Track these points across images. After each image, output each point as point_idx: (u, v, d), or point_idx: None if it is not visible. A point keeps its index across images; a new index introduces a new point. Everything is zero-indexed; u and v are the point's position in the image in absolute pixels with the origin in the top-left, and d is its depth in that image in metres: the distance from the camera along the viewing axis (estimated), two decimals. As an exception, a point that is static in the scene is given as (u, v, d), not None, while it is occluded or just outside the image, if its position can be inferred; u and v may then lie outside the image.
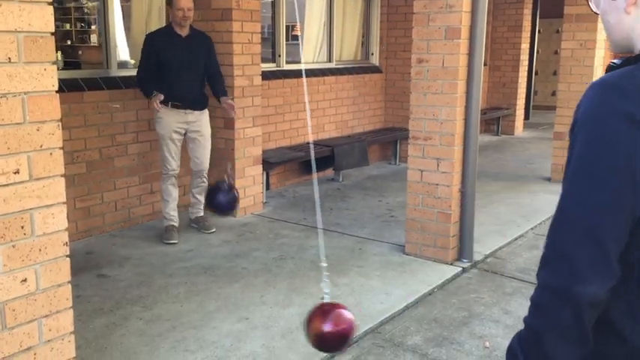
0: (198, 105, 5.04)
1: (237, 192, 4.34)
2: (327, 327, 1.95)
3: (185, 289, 4.10)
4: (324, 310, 1.99)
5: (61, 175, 2.16)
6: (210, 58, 5.10)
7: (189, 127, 5.02)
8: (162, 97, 4.75)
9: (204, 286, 4.16)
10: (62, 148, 2.16)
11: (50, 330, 2.19)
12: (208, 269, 4.45)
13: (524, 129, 11.52)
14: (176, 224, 5.15)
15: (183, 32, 4.94)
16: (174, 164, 5.01)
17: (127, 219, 5.40)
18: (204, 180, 5.21)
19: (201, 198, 5.27)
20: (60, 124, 2.13)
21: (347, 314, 2.02)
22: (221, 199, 4.21)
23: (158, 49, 4.87)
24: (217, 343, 3.38)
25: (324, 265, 2.08)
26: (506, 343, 3.54)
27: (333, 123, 7.61)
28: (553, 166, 7.19)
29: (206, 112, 5.15)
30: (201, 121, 5.08)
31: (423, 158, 4.56)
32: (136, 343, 3.39)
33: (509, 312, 3.90)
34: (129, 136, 5.28)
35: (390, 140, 8.03)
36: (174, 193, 5.10)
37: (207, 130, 5.13)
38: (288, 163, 6.47)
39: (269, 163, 6.08)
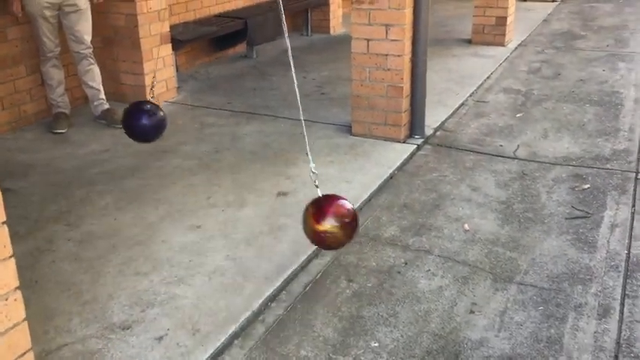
0: None
1: (164, 113, 3.22)
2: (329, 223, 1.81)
3: (113, 198, 3.47)
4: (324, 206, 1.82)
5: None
6: None
7: (63, 2, 4.25)
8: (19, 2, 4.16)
9: (136, 191, 3.54)
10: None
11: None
12: (135, 171, 3.82)
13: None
14: (66, 111, 4.62)
15: None
16: (51, 45, 4.36)
17: (18, 118, 4.55)
18: (91, 61, 4.52)
19: (97, 85, 4.59)
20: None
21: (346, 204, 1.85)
22: (143, 122, 3.10)
23: None
24: (173, 260, 2.86)
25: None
26: (483, 223, 3.28)
27: (238, -9, 6.76)
28: (474, 27, 6.86)
29: None
30: None
31: (369, 25, 4.02)
32: (73, 270, 2.80)
33: (477, 189, 3.65)
34: (6, 18, 4.30)
35: (301, 9, 7.31)
36: (57, 75, 4.50)
37: (84, 2, 4.36)
38: (198, 40, 5.68)
39: (178, 41, 5.28)
